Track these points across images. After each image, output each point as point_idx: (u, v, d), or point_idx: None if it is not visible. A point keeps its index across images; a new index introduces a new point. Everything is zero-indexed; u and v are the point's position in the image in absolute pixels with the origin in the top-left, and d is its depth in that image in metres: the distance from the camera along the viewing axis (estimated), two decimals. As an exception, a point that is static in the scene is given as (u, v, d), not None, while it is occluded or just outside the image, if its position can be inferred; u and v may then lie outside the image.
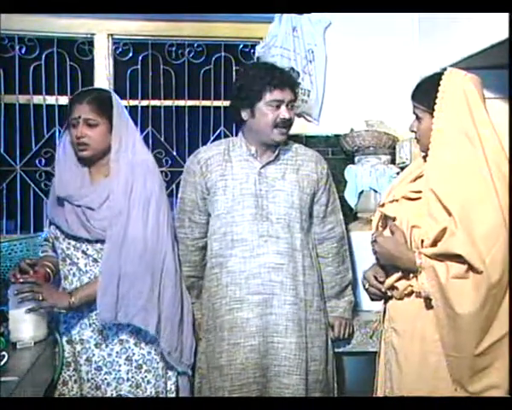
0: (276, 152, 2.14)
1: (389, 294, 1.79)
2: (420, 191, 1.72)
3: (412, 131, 1.83)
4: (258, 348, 2.04)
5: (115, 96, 2.05)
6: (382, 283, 1.78)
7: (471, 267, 1.57)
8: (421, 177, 1.78)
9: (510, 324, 1.58)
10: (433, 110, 1.70)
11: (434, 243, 1.65)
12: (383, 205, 1.87)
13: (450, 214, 1.61)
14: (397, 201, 1.80)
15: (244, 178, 2.11)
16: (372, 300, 1.88)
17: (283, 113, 2.06)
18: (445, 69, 1.75)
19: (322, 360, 2.14)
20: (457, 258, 1.58)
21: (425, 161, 1.77)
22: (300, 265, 2.11)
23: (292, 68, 2.23)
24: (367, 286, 1.86)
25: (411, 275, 1.69)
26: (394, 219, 1.78)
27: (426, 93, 1.75)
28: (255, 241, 2.07)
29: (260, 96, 2.05)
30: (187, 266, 2.17)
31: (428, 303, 1.66)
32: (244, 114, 2.09)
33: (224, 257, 2.10)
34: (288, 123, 2.10)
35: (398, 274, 1.73)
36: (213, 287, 2.12)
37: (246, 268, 2.07)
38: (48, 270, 2.02)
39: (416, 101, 1.78)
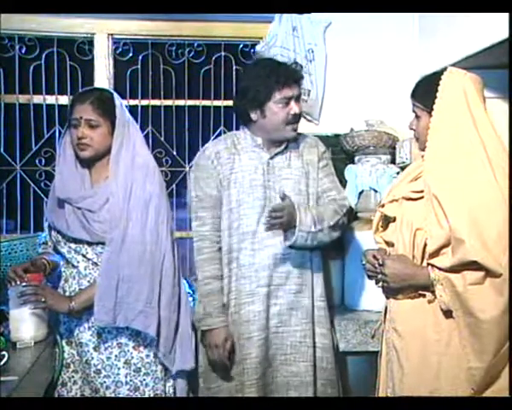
0: (285, 143, 2.13)
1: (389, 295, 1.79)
2: (421, 191, 1.71)
3: (411, 129, 1.82)
4: (268, 339, 2.06)
5: (117, 97, 2.05)
6: (378, 261, 1.75)
7: (488, 272, 1.55)
8: (421, 177, 1.77)
9: (510, 324, 1.57)
10: (432, 109, 1.70)
11: (440, 250, 1.64)
12: (383, 205, 1.86)
13: (455, 221, 1.59)
14: (396, 201, 1.80)
15: (252, 169, 2.10)
16: (369, 277, 1.85)
17: (294, 108, 2.05)
18: (445, 68, 1.74)
19: (326, 348, 2.15)
20: (473, 265, 1.56)
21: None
22: (308, 252, 2.11)
23: (295, 62, 2.18)
24: (364, 262, 1.84)
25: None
26: (394, 218, 1.78)
27: (425, 92, 1.74)
28: (264, 232, 2.05)
29: (269, 96, 2.03)
30: (216, 265, 2.11)
31: (445, 313, 1.65)
32: (253, 115, 2.07)
33: (237, 251, 2.09)
34: (298, 117, 2.10)
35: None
36: (225, 284, 2.10)
37: (255, 261, 2.07)
38: (44, 262, 2.02)
39: (416, 99, 1.78)
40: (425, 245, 1.67)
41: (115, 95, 2.05)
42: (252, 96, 2.04)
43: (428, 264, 1.67)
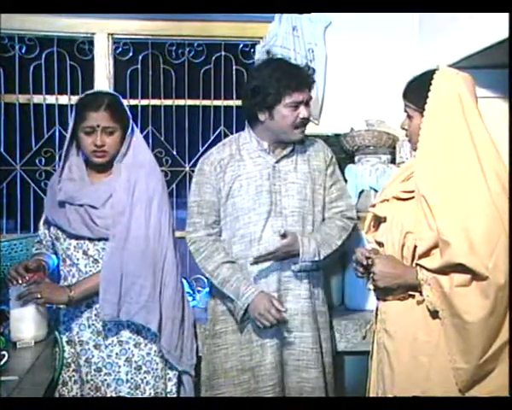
0: (291, 146, 2.12)
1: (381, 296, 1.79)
2: (412, 191, 1.70)
3: (403, 129, 1.80)
4: (281, 345, 2.05)
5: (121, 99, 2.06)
6: (368, 261, 1.74)
7: (475, 274, 1.55)
8: (412, 177, 1.75)
9: (510, 325, 1.57)
10: (424, 109, 1.67)
11: (429, 251, 1.64)
12: (374, 205, 1.86)
13: (442, 223, 1.59)
14: (387, 201, 1.79)
15: (258, 175, 2.09)
16: (357, 276, 1.85)
17: (303, 113, 2.03)
18: (437, 68, 1.73)
19: (329, 352, 2.16)
20: (460, 267, 1.56)
21: None
22: None
23: (307, 66, 2.16)
24: (353, 259, 1.83)
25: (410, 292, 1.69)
26: (385, 218, 1.77)
27: (417, 91, 1.72)
28: (270, 238, 2.06)
29: (279, 99, 2.00)
30: (217, 256, 2.07)
31: (435, 314, 1.64)
32: (261, 116, 2.05)
33: (244, 258, 2.07)
34: (306, 122, 2.08)
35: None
36: None
37: (263, 267, 2.06)
38: (43, 263, 2.02)
39: (407, 99, 1.76)
40: (415, 247, 1.66)
41: (120, 97, 2.06)
42: (261, 98, 2.01)
43: (417, 264, 1.67)
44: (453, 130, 1.64)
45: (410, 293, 1.69)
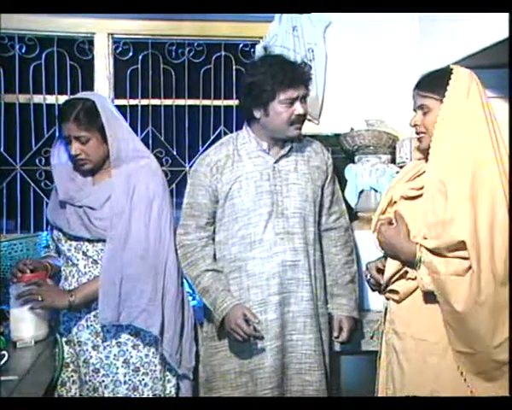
0: (290, 145, 2.11)
1: (389, 296, 1.79)
2: (421, 188, 1.71)
3: (415, 125, 1.77)
4: (282, 348, 2.04)
5: (101, 102, 1.98)
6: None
7: (469, 264, 1.55)
8: (419, 175, 1.77)
9: (511, 325, 1.56)
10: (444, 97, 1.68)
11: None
12: (384, 212, 1.85)
13: (454, 205, 1.59)
14: (395, 202, 1.80)
15: (258, 176, 2.07)
16: (373, 290, 1.88)
17: (298, 109, 2.01)
18: (448, 66, 1.75)
19: (328, 354, 2.16)
20: (459, 252, 1.57)
21: (426, 160, 1.73)
22: (312, 259, 2.11)
23: (303, 62, 2.14)
24: (368, 277, 1.85)
25: (408, 272, 1.69)
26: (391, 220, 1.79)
27: (437, 83, 1.71)
28: (272, 239, 2.05)
29: (274, 96, 1.98)
30: (201, 264, 2.07)
31: (428, 298, 1.65)
32: (257, 113, 2.04)
33: (244, 260, 2.06)
34: (302, 118, 2.06)
35: (395, 267, 1.73)
36: (234, 292, 2.07)
37: (265, 269, 2.04)
38: (47, 265, 2.02)
39: (428, 90, 1.73)
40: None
41: (97, 100, 1.98)
42: (256, 94, 2.00)
43: (417, 243, 1.67)
44: (473, 118, 1.65)
45: (421, 294, 1.69)
